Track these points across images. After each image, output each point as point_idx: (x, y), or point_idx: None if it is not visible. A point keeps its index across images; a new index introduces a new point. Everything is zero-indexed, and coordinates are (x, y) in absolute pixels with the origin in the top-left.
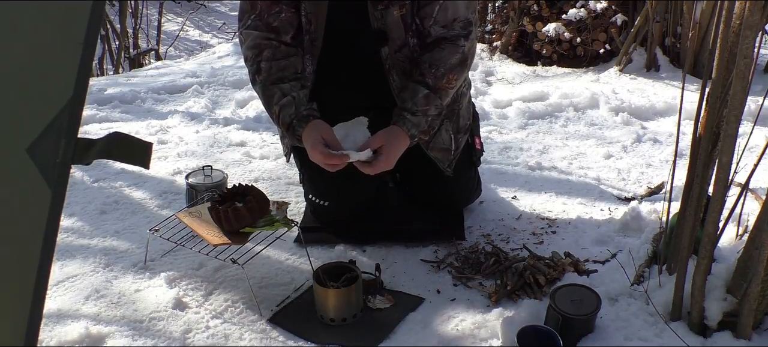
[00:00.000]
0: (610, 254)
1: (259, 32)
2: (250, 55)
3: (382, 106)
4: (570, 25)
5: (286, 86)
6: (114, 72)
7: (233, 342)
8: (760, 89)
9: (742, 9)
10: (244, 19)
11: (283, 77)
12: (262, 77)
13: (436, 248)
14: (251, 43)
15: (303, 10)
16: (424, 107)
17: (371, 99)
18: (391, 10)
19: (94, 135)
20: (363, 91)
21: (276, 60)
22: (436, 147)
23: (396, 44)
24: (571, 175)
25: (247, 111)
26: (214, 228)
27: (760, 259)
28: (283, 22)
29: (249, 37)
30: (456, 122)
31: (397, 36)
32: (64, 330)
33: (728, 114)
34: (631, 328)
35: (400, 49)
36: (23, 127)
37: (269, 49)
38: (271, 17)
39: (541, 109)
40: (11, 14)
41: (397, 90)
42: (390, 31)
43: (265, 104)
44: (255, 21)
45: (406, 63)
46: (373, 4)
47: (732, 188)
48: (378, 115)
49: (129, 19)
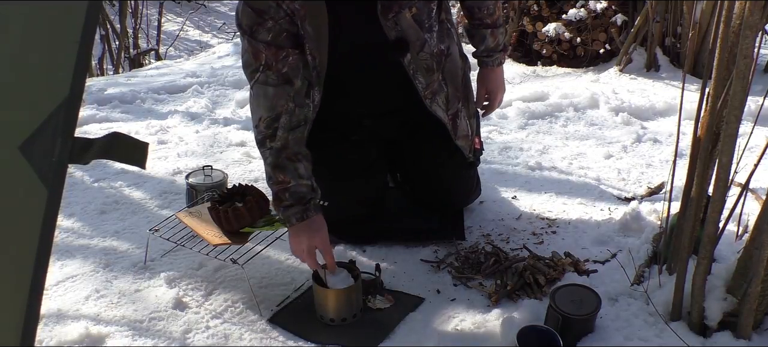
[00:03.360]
0: (610, 255)
1: (274, 88)
2: (266, 118)
3: (396, 109)
4: (570, 25)
5: (302, 168)
6: (114, 72)
7: (233, 342)
8: (760, 88)
9: (742, 9)
10: (253, 75)
11: (298, 153)
12: (276, 145)
13: (436, 248)
14: (268, 103)
15: (307, 49)
16: (494, 43)
17: (384, 105)
18: (403, 14)
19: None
20: (376, 100)
21: (292, 130)
22: (459, 136)
23: (416, 47)
24: (571, 175)
25: (247, 111)
26: (214, 228)
27: (760, 259)
28: (292, 67)
29: (264, 96)
30: (468, 107)
31: (416, 38)
32: (64, 330)
33: (728, 114)
34: (631, 328)
35: (421, 49)
36: (15, 124)
37: (286, 114)
38: (279, 64)
39: (541, 109)
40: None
41: (423, 89)
42: (408, 36)
43: (271, 169)
44: (265, 74)
45: (429, 60)
46: (384, 15)
47: (732, 188)
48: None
49: (129, 19)
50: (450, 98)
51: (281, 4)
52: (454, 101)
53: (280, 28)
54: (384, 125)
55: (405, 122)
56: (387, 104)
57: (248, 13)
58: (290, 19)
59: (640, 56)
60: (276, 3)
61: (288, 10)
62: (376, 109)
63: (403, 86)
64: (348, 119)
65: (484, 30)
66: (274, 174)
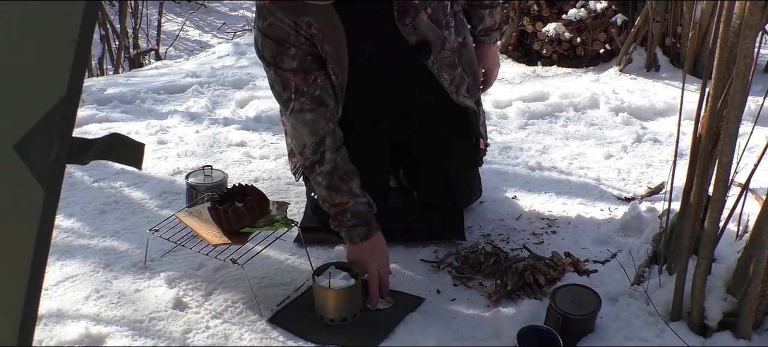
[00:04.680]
0: (610, 255)
1: (311, 113)
2: (311, 144)
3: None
4: (570, 25)
5: (355, 186)
6: (114, 72)
7: (233, 342)
8: (760, 88)
9: (742, 9)
10: (287, 104)
11: (348, 172)
12: (326, 169)
13: (436, 248)
14: (310, 129)
15: (329, 69)
16: (491, 23)
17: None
18: (421, 16)
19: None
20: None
21: (337, 150)
22: (482, 122)
23: (437, 46)
24: (571, 175)
25: (247, 111)
26: (214, 228)
27: (760, 259)
28: (323, 88)
29: (304, 123)
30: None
31: (436, 37)
32: (64, 330)
33: (728, 114)
34: (631, 328)
35: (442, 48)
36: (10, 123)
37: (330, 136)
38: (311, 89)
39: (541, 109)
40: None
41: (448, 84)
42: (428, 37)
43: (327, 192)
44: (299, 102)
45: (451, 56)
46: (401, 20)
47: (732, 188)
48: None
49: (129, 19)
50: (471, 87)
51: (300, 31)
52: (475, 89)
53: (303, 52)
54: (400, 126)
55: (419, 121)
56: (406, 106)
57: (269, 45)
58: (310, 43)
59: (640, 56)
60: (295, 31)
61: (307, 35)
62: (394, 111)
63: (423, 86)
64: (364, 122)
65: (483, 10)
66: (330, 197)
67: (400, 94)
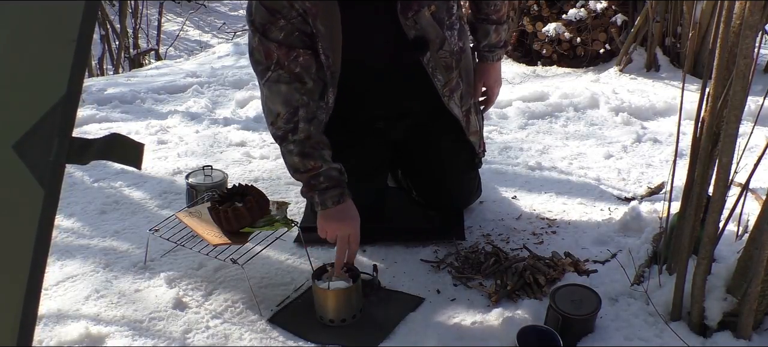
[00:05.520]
0: (610, 254)
1: (287, 85)
2: (284, 113)
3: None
4: (570, 25)
5: (327, 155)
6: (114, 72)
7: (233, 342)
8: (760, 88)
9: (742, 9)
10: (264, 73)
11: (321, 142)
12: (299, 137)
13: (436, 248)
14: (282, 99)
15: (320, 48)
16: (496, 39)
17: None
18: (423, 12)
19: (93, 135)
20: (391, 102)
21: (310, 121)
22: (471, 131)
23: (436, 45)
24: (571, 175)
25: (247, 111)
26: (214, 228)
27: (760, 259)
28: (303, 66)
29: (277, 93)
30: (477, 103)
31: (435, 35)
32: (64, 330)
33: (728, 114)
34: (631, 328)
35: (440, 47)
36: (9, 123)
37: (303, 107)
38: (291, 64)
39: (541, 109)
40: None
41: (442, 86)
42: (427, 34)
43: (299, 159)
44: (277, 72)
45: (449, 59)
46: (404, 13)
47: (732, 188)
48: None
49: (129, 19)
50: (464, 95)
51: (294, 4)
52: (467, 97)
53: (292, 27)
54: (396, 127)
55: (416, 122)
56: (402, 106)
57: (261, 12)
58: (303, 19)
59: (640, 56)
60: (289, 3)
61: (300, 10)
62: (391, 111)
63: (419, 87)
64: (361, 121)
65: (489, 26)
66: (302, 163)
67: (397, 93)
